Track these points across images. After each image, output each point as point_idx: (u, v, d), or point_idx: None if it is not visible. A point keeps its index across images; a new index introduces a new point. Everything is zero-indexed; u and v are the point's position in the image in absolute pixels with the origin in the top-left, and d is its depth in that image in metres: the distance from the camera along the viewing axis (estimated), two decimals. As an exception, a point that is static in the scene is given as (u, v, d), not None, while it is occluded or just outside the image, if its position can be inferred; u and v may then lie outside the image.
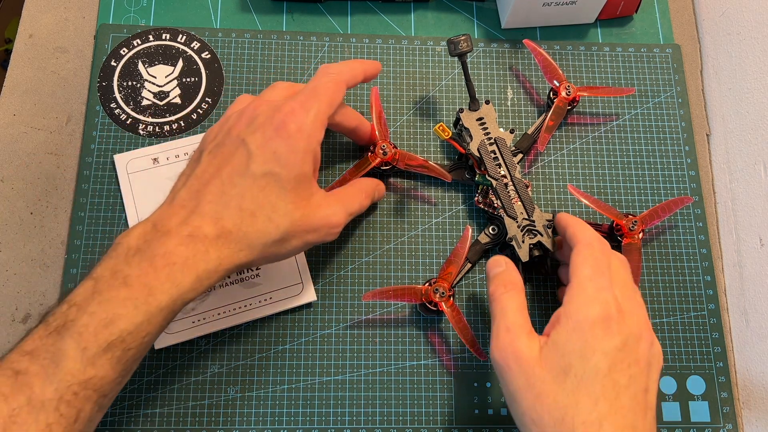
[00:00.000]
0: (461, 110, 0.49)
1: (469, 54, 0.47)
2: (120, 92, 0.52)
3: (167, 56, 0.54)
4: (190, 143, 0.50)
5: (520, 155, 0.50)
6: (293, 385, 0.47)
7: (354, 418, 0.46)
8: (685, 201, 0.50)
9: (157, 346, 0.46)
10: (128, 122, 0.52)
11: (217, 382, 0.46)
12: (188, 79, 0.53)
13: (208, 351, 0.47)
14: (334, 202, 0.41)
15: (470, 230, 0.46)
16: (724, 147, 0.54)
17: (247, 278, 0.47)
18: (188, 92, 0.53)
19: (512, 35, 0.57)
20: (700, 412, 0.48)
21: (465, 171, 0.50)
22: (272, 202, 0.37)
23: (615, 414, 0.33)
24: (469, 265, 0.48)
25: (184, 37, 0.54)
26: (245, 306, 0.47)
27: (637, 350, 0.36)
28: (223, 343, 0.47)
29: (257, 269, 0.48)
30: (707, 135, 0.56)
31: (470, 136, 0.48)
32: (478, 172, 0.48)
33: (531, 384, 0.35)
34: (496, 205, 0.47)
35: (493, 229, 0.48)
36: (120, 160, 0.50)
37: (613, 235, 0.48)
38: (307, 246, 0.41)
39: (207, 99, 0.53)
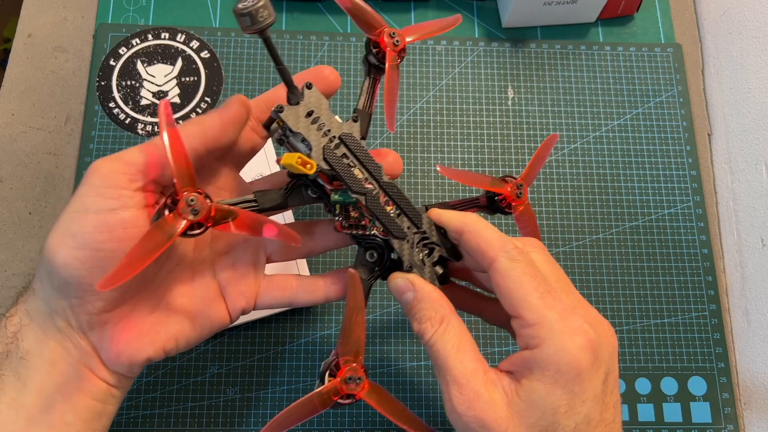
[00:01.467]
0: (280, 109, 0.32)
1: (271, 26, 0.30)
2: (119, 92, 0.52)
3: (166, 56, 0.53)
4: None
5: (363, 142, 0.35)
6: (293, 386, 0.46)
7: (354, 419, 0.46)
8: (552, 141, 0.40)
9: None
10: (127, 122, 0.51)
11: (217, 383, 0.46)
12: (187, 79, 0.53)
13: (207, 352, 0.47)
14: None
15: (356, 273, 0.33)
16: (725, 147, 0.54)
17: None
18: (187, 92, 0.53)
19: (513, 34, 0.57)
20: (701, 413, 0.48)
21: (306, 189, 0.35)
22: None
23: None
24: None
25: (183, 36, 0.54)
26: None
27: (614, 369, 0.31)
28: (223, 343, 0.47)
29: None
30: (708, 135, 0.56)
31: (305, 143, 0.33)
32: (329, 187, 0.34)
33: None
34: (365, 223, 0.35)
35: (371, 256, 0.35)
36: None
37: (496, 207, 0.37)
38: None
39: (206, 98, 0.53)
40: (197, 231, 0.29)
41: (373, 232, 0.34)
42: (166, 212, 0.29)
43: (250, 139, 0.35)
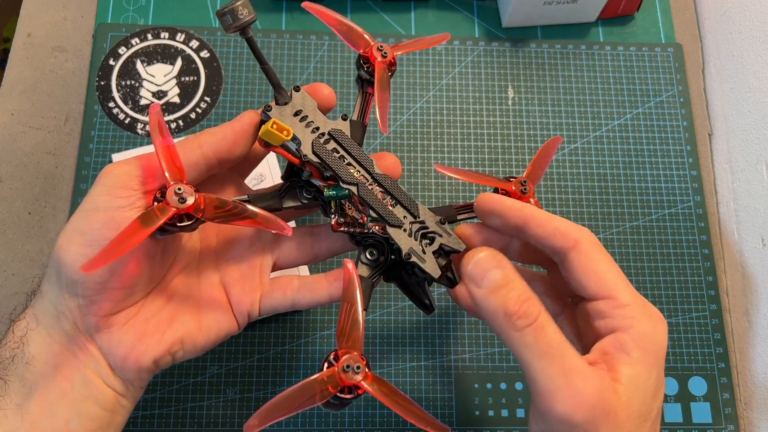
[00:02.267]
0: (268, 107, 0.33)
1: (252, 24, 0.32)
2: (118, 91, 0.52)
3: (166, 55, 0.53)
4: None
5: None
6: (293, 386, 0.46)
7: (354, 419, 0.46)
8: (555, 142, 0.40)
9: None
10: (127, 122, 0.51)
11: (217, 383, 0.46)
12: (187, 78, 0.53)
13: (206, 352, 0.46)
14: None
15: (352, 265, 0.32)
16: (725, 147, 0.54)
17: None
18: (187, 91, 0.53)
19: (513, 34, 0.57)
20: (701, 413, 0.48)
21: (301, 190, 0.35)
22: None
23: None
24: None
25: (183, 36, 0.54)
26: None
27: None
28: (223, 344, 0.47)
29: None
30: (709, 134, 0.56)
31: (294, 140, 0.33)
32: (322, 185, 0.34)
33: None
34: (362, 220, 0.34)
35: (371, 254, 0.34)
36: (119, 159, 0.49)
37: None
38: None
39: (206, 98, 0.52)
40: (186, 223, 0.29)
41: (372, 230, 0.34)
42: (154, 204, 0.29)
43: (256, 150, 0.36)
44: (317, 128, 0.34)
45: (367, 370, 0.29)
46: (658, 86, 0.56)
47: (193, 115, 0.52)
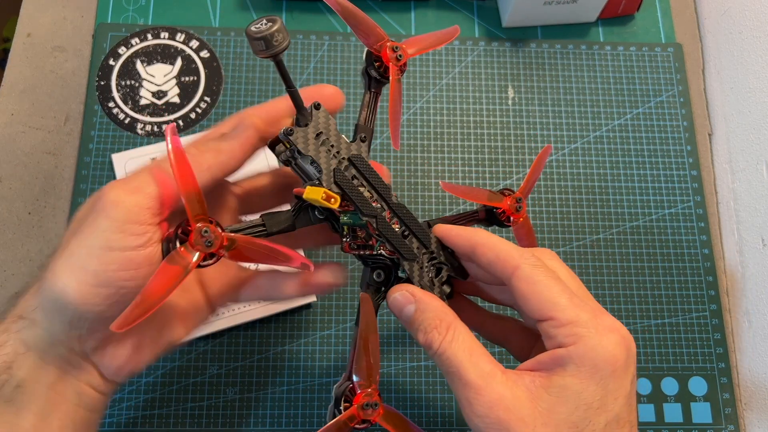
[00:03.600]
0: (290, 132, 0.32)
1: (285, 52, 0.30)
2: (118, 91, 0.52)
3: (166, 55, 0.53)
4: (188, 143, 0.50)
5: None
6: (292, 387, 0.46)
7: (354, 419, 0.46)
8: (545, 153, 0.40)
9: None
10: (126, 122, 0.51)
11: (216, 384, 0.46)
12: (187, 78, 0.53)
13: (207, 352, 0.46)
14: None
15: (368, 298, 0.33)
16: (726, 146, 0.54)
17: None
18: (187, 91, 0.53)
19: (513, 34, 0.57)
20: (702, 413, 0.48)
21: (313, 210, 0.34)
22: None
23: None
24: None
25: (183, 35, 0.54)
26: (244, 306, 0.47)
27: (635, 368, 0.31)
28: (222, 344, 0.47)
29: (256, 268, 0.47)
30: (709, 134, 0.56)
31: (314, 165, 0.32)
32: (337, 210, 0.33)
33: None
34: (372, 243, 0.34)
35: (378, 276, 0.35)
36: (118, 159, 0.49)
37: (494, 220, 0.38)
38: None
39: (206, 98, 0.52)
40: (210, 261, 0.28)
41: (380, 252, 0.34)
42: (178, 244, 0.28)
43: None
44: (338, 152, 0.33)
45: (380, 403, 0.30)
46: (658, 86, 0.56)
47: (193, 115, 0.52)
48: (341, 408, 0.30)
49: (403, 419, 0.31)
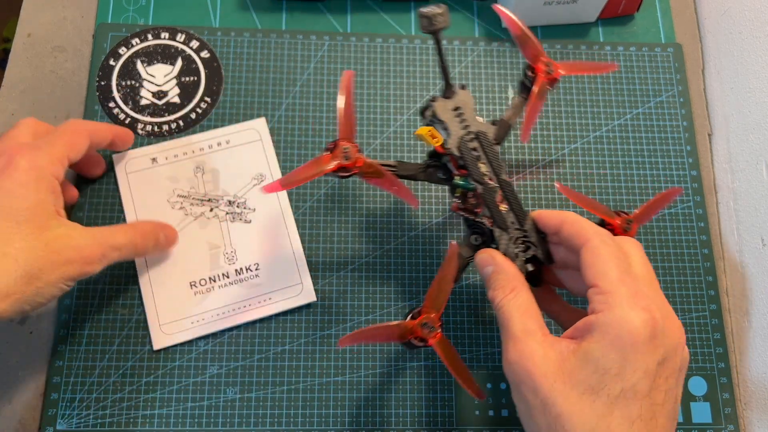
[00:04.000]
0: (433, 98, 0.41)
1: (443, 30, 0.39)
2: (119, 92, 0.52)
3: (166, 55, 0.53)
4: (188, 143, 0.50)
5: (497, 146, 0.42)
6: (293, 387, 0.46)
7: (354, 419, 0.46)
8: (674, 193, 0.45)
9: (155, 347, 0.46)
10: (127, 122, 0.51)
11: (216, 383, 0.46)
12: (187, 79, 0.53)
13: (207, 352, 0.47)
14: (86, 233, 0.39)
15: (457, 247, 0.38)
16: (725, 147, 0.54)
17: (246, 278, 0.47)
18: (187, 92, 0.53)
19: (513, 34, 0.57)
20: (701, 413, 0.48)
21: (438, 171, 0.42)
22: (5, 236, 0.35)
23: None
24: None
25: (183, 36, 0.54)
26: (244, 306, 0.47)
27: (675, 360, 0.32)
28: (222, 344, 0.47)
29: (257, 268, 0.47)
30: (709, 134, 0.56)
31: (446, 130, 0.40)
32: (455, 172, 0.40)
33: (549, 402, 0.30)
34: (477, 211, 0.40)
35: (476, 239, 0.41)
36: (119, 159, 0.49)
37: None
38: (69, 280, 0.38)
39: (206, 98, 0.52)
40: (346, 174, 0.38)
41: (483, 220, 0.39)
42: (326, 153, 0.37)
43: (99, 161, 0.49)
44: (467, 126, 0.40)
45: (439, 330, 0.36)
46: (658, 86, 0.56)
47: (193, 116, 0.52)
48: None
49: (455, 353, 0.37)
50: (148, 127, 0.51)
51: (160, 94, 0.52)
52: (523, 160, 0.53)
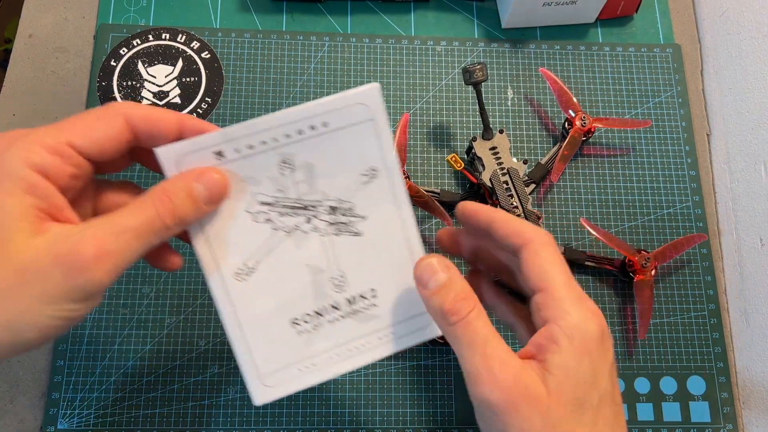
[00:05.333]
0: (474, 138, 0.49)
1: (483, 83, 0.48)
2: (120, 92, 0.52)
3: (167, 56, 0.53)
4: (268, 127, 0.42)
5: (533, 185, 0.50)
6: (293, 386, 0.46)
7: (354, 418, 0.46)
8: (697, 239, 0.50)
9: (257, 402, 0.35)
10: (128, 122, 0.51)
11: (217, 383, 0.46)
12: (188, 79, 0.53)
13: (207, 352, 0.47)
14: (75, 231, 0.28)
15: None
16: (724, 147, 0.54)
17: (360, 309, 0.36)
18: (188, 92, 0.53)
19: (512, 35, 0.57)
20: (700, 412, 0.48)
21: (476, 200, 0.49)
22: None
23: None
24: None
25: (184, 36, 0.54)
26: (362, 345, 0.36)
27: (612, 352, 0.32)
28: (223, 343, 0.47)
29: (373, 296, 0.36)
30: (707, 135, 0.56)
31: (482, 166, 0.48)
32: (489, 201, 0.48)
33: (550, 426, 0.28)
34: None
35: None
36: (168, 157, 0.35)
37: (625, 271, 0.48)
38: (58, 303, 0.27)
39: (207, 99, 0.53)
40: None
41: None
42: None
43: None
44: (502, 163, 0.48)
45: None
46: (657, 87, 0.56)
47: (194, 116, 0.52)
48: None
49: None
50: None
51: (161, 95, 0.52)
52: (522, 160, 0.53)
